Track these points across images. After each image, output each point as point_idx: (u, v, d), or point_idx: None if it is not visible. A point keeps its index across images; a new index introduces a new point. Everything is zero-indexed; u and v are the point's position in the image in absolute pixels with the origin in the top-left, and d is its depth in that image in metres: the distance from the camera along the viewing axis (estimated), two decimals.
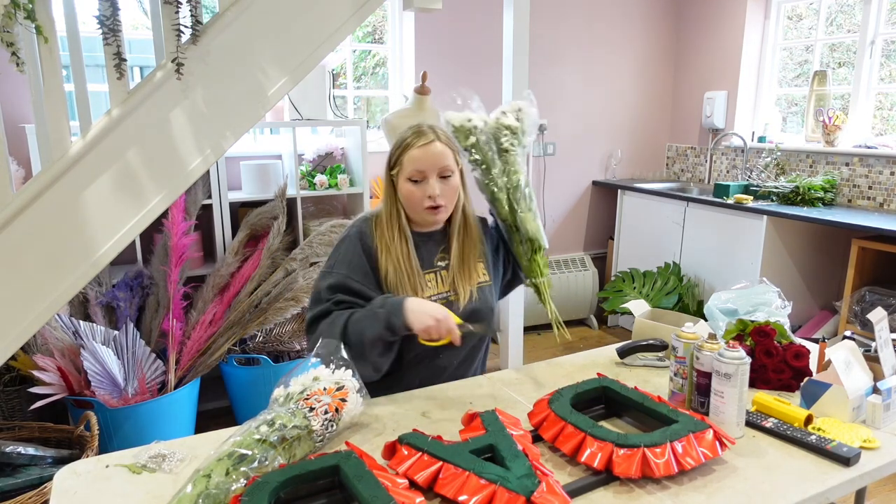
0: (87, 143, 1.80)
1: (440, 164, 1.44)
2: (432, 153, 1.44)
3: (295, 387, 1.19)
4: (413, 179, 1.44)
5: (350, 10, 2.02)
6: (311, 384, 1.18)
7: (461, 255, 1.52)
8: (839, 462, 1.12)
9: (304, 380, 1.20)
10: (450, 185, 1.47)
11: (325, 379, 1.20)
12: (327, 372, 1.22)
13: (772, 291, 1.71)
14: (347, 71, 3.56)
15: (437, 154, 1.44)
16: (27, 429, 2.14)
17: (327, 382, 1.19)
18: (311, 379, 1.20)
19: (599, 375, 1.37)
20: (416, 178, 1.44)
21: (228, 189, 2.90)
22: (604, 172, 4.33)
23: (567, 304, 4.07)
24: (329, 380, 1.20)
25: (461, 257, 1.52)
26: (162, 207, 1.90)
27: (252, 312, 2.60)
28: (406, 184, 1.45)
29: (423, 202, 1.44)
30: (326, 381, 1.19)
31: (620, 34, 4.16)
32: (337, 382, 1.20)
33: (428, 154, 1.44)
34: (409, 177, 1.45)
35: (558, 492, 0.98)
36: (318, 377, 1.20)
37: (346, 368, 1.24)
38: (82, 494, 1.05)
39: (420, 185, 1.44)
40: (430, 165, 1.44)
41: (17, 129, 2.64)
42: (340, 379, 1.21)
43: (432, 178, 1.44)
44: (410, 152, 1.44)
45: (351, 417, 1.22)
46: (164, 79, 1.85)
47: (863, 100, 3.41)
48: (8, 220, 1.73)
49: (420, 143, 1.44)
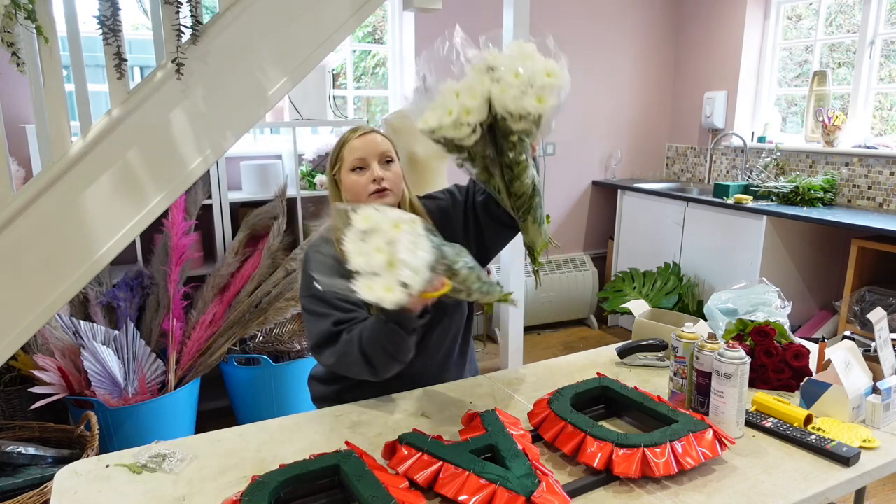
0: (88, 143, 1.80)
1: (380, 149, 1.45)
2: (371, 141, 1.45)
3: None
4: (355, 168, 1.44)
5: (350, 11, 2.02)
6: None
7: None
8: (839, 462, 1.12)
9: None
10: (393, 171, 1.46)
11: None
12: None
13: (771, 291, 1.71)
14: (347, 71, 3.56)
15: (376, 142, 1.45)
16: (27, 429, 2.14)
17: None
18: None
19: (599, 375, 1.37)
20: (359, 166, 1.44)
21: (228, 189, 2.90)
22: (604, 172, 4.33)
23: (567, 304, 4.07)
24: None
25: None
26: (162, 207, 1.90)
27: (252, 312, 2.60)
28: (349, 175, 1.44)
29: (367, 188, 1.43)
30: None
31: (620, 34, 4.16)
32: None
33: (367, 142, 1.44)
34: (351, 167, 1.44)
35: (558, 492, 0.98)
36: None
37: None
38: (82, 494, 1.06)
39: (363, 173, 1.44)
40: (370, 152, 1.44)
41: (17, 129, 2.64)
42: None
43: (374, 163, 1.43)
44: (349, 144, 1.45)
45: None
46: (165, 79, 1.85)
47: (862, 100, 3.42)
48: (8, 220, 1.73)
49: (358, 135, 1.45)
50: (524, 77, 1.22)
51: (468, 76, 1.28)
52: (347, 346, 1.33)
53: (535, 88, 1.21)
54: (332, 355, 1.36)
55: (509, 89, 1.21)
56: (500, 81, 1.23)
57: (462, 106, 1.24)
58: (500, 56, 1.26)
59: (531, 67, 1.23)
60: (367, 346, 1.30)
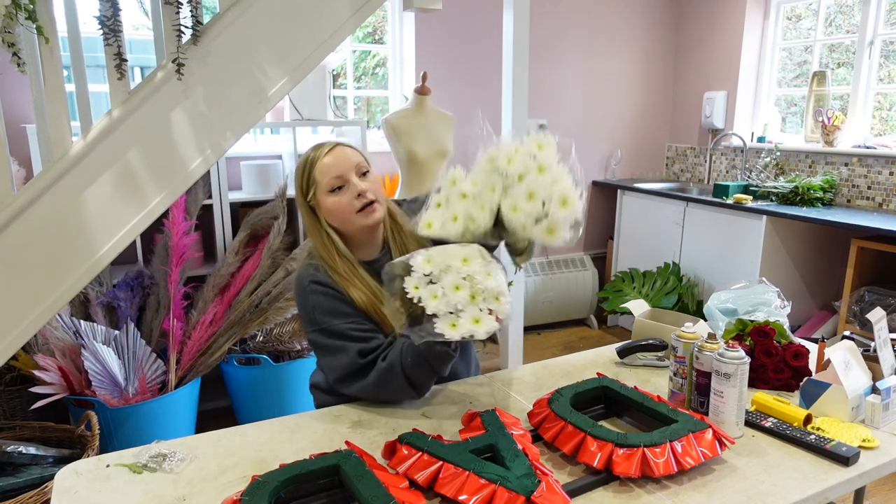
0: (88, 143, 1.80)
1: (354, 161, 1.36)
2: (343, 155, 1.36)
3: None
4: (334, 189, 1.34)
5: (350, 11, 2.02)
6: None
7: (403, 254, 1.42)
8: (838, 462, 1.13)
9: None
10: (372, 180, 1.38)
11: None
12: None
13: (771, 291, 1.72)
14: (348, 71, 3.56)
15: (347, 155, 1.36)
16: (28, 428, 2.14)
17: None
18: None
19: (599, 375, 1.37)
20: (338, 185, 1.34)
21: (229, 189, 2.90)
22: (604, 172, 4.34)
23: (567, 304, 4.07)
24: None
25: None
26: (162, 207, 1.90)
27: (252, 312, 2.61)
28: (328, 198, 1.35)
29: (353, 206, 1.34)
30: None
31: (620, 34, 4.16)
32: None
33: (339, 157, 1.35)
34: (328, 189, 1.34)
35: (558, 491, 0.98)
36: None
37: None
38: (83, 494, 1.06)
39: (343, 191, 1.34)
40: (346, 167, 1.35)
41: (18, 129, 2.64)
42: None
43: (353, 177, 1.35)
44: (319, 164, 1.35)
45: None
46: (165, 79, 1.86)
47: (862, 100, 3.42)
48: (9, 220, 1.73)
49: (326, 151, 1.36)
50: (537, 203, 1.15)
51: (476, 170, 1.22)
52: (387, 374, 1.31)
53: (548, 220, 1.15)
54: (364, 386, 1.33)
55: (520, 213, 1.16)
56: (509, 196, 1.17)
57: (468, 214, 1.19)
58: (514, 159, 1.18)
59: (546, 189, 1.16)
60: (411, 370, 1.29)
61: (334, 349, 1.35)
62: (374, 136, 3.58)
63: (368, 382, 1.32)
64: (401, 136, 2.88)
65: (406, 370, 1.30)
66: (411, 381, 1.31)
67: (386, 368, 1.31)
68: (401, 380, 1.30)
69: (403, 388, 1.32)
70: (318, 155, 1.36)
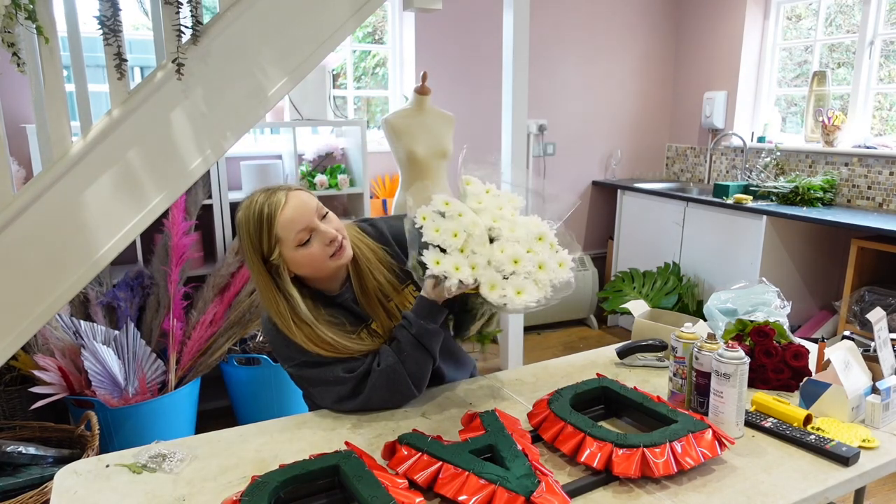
0: (88, 143, 1.80)
1: (313, 206, 1.28)
2: (301, 204, 1.26)
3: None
4: (302, 243, 1.26)
5: (350, 11, 2.02)
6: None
7: (362, 288, 1.37)
8: (838, 462, 1.13)
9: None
10: (333, 219, 1.32)
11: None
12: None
13: (771, 291, 1.71)
14: (347, 71, 3.56)
15: (304, 202, 1.27)
16: (28, 428, 2.14)
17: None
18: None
19: (599, 375, 1.37)
20: (305, 238, 1.26)
21: (229, 189, 2.90)
22: (604, 172, 4.34)
23: (567, 304, 4.07)
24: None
25: (363, 290, 1.37)
26: (162, 207, 1.90)
27: (252, 312, 2.61)
28: (297, 252, 1.26)
29: (325, 253, 1.27)
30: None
31: (620, 34, 4.16)
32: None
33: (298, 208, 1.26)
34: (297, 244, 1.25)
35: (558, 492, 0.98)
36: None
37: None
38: (82, 494, 1.06)
39: (312, 242, 1.26)
40: (307, 215, 1.26)
41: (18, 129, 2.64)
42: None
43: (318, 224, 1.27)
44: (280, 219, 1.24)
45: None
46: (165, 79, 1.86)
47: (862, 100, 3.42)
48: (9, 220, 1.73)
49: (282, 205, 1.25)
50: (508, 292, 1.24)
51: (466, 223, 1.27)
52: (390, 375, 1.31)
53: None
54: (365, 399, 1.31)
55: (496, 287, 1.24)
56: (490, 268, 1.26)
57: (454, 264, 1.25)
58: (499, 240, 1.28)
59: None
60: (411, 362, 1.32)
61: (321, 377, 1.32)
62: (374, 136, 3.58)
63: (368, 393, 1.31)
64: (401, 136, 2.88)
65: (406, 364, 1.31)
66: (412, 375, 1.32)
67: (386, 370, 1.31)
68: (404, 376, 1.31)
69: (406, 387, 1.32)
70: (275, 209, 1.24)
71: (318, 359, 1.31)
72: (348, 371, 1.32)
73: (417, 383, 1.35)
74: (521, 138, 2.86)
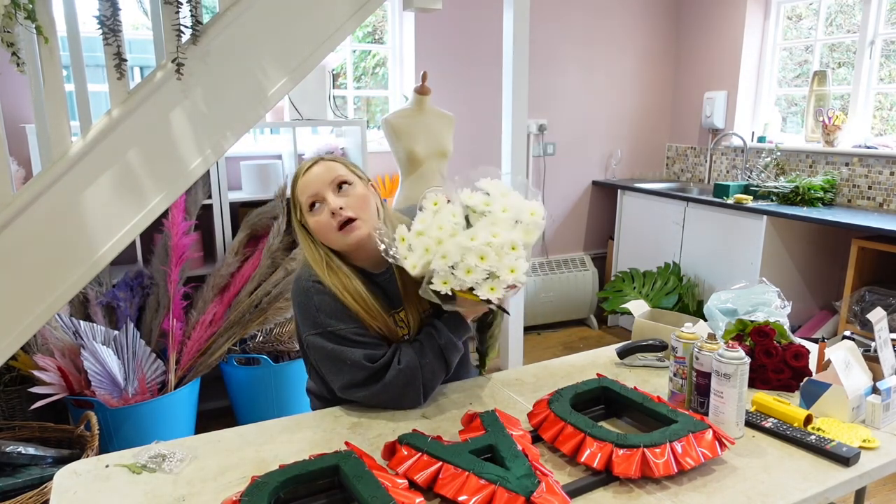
0: (88, 143, 1.80)
1: (329, 177, 1.33)
2: (317, 172, 1.34)
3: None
4: (311, 206, 1.33)
5: (350, 11, 2.02)
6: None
7: (402, 279, 1.38)
8: (839, 462, 1.12)
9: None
10: (353, 195, 1.33)
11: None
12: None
13: (771, 291, 1.71)
14: (347, 71, 3.56)
15: (323, 171, 1.33)
16: (27, 429, 2.14)
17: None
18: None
19: (599, 375, 1.37)
20: (314, 203, 1.33)
21: (228, 189, 2.90)
22: (604, 172, 4.33)
23: (567, 304, 4.07)
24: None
25: (402, 281, 1.38)
26: (162, 207, 1.90)
27: (252, 312, 2.60)
28: (310, 217, 1.33)
29: (331, 224, 1.31)
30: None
31: (620, 34, 4.16)
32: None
33: (314, 174, 1.33)
34: (307, 208, 1.33)
35: (558, 492, 0.98)
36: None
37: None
38: (82, 494, 1.06)
39: (321, 209, 1.32)
40: (321, 184, 1.32)
41: (17, 129, 2.64)
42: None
43: (328, 193, 1.32)
44: (298, 184, 1.34)
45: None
46: (165, 79, 1.85)
47: (862, 100, 3.42)
48: (8, 220, 1.73)
49: (306, 169, 1.35)
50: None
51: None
52: (407, 375, 1.30)
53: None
54: (374, 392, 1.30)
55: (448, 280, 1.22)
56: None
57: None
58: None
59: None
60: (429, 370, 1.32)
61: (340, 355, 1.30)
62: (374, 136, 3.58)
63: (380, 387, 1.30)
64: (401, 136, 2.88)
65: (424, 370, 1.31)
66: (426, 383, 1.33)
67: (405, 370, 1.30)
68: (419, 382, 1.31)
69: (416, 393, 1.32)
70: (299, 173, 1.35)
71: (343, 333, 1.31)
72: (368, 360, 1.30)
73: (427, 393, 1.35)
74: (521, 138, 2.86)
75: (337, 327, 1.31)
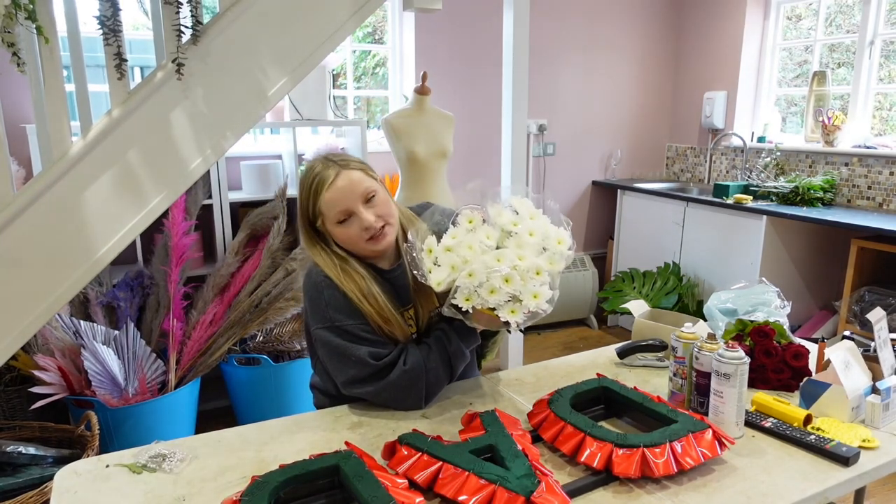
0: (88, 143, 1.80)
1: (358, 191, 1.32)
2: (343, 186, 1.32)
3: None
4: (341, 221, 1.33)
5: (350, 11, 2.02)
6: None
7: (413, 276, 1.37)
8: (838, 462, 1.13)
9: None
10: (379, 204, 1.35)
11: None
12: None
13: (771, 291, 1.71)
14: (347, 71, 3.56)
15: (349, 184, 1.32)
16: (28, 428, 2.14)
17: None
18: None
19: (599, 375, 1.37)
20: (344, 218, 1.33)
21: (229, 189, 2.90)
22: (603, 172, 4.33)
23: (567, 304, 4.07)
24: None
25: (413, 278, 1.36)
26: (162, 207, 1.90)
27: (252, 312, 2.61)
28: (337, 228, 1.34)
29: (362, 237, 1.33)
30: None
31: (620, 34, 4.16)
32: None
33: (344, 190, 1.31)
34: (336, 221, 1.33)
35: (558, 492, 0.98)
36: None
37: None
38: (82, 494, 1.06)
39: (351, 223, 1.33)
40: (350, 198, 1.32)
41: (17, 129, 2.64)
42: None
43: (359, 208, 1.32)
44: (325, 196, 1.32)
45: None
46: (165, 79, 1.85)
47: (862, 100, 3.42)
48: (9, 220, 1.73)
49: (329, 182, 1.32)
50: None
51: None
52: (411, 377, 1.31)
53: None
54: (376, 390, 1.31)
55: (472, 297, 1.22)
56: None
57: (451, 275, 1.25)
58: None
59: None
60: (433, 374, 1.33)
61: (345, 350, 1.31)
62: (374, 136, 3.58)
63: (383, 386, 1.31)
64: (401, 136, 2.88)
65: (429, 375, 1.32)
66: (429, 387, 1.34)
67: (410, 372, 1.30)
68: (422, 385, 1.32)
69: (418, 396, 1.33)
70: (323, 184, 1.32)
71: (350, 329, 1.31)
72: (374, 357, 1.31)
73: (429, 397, 1.35)
74: (521, 138, 2.86)
75: (345, 323, 1.32)
